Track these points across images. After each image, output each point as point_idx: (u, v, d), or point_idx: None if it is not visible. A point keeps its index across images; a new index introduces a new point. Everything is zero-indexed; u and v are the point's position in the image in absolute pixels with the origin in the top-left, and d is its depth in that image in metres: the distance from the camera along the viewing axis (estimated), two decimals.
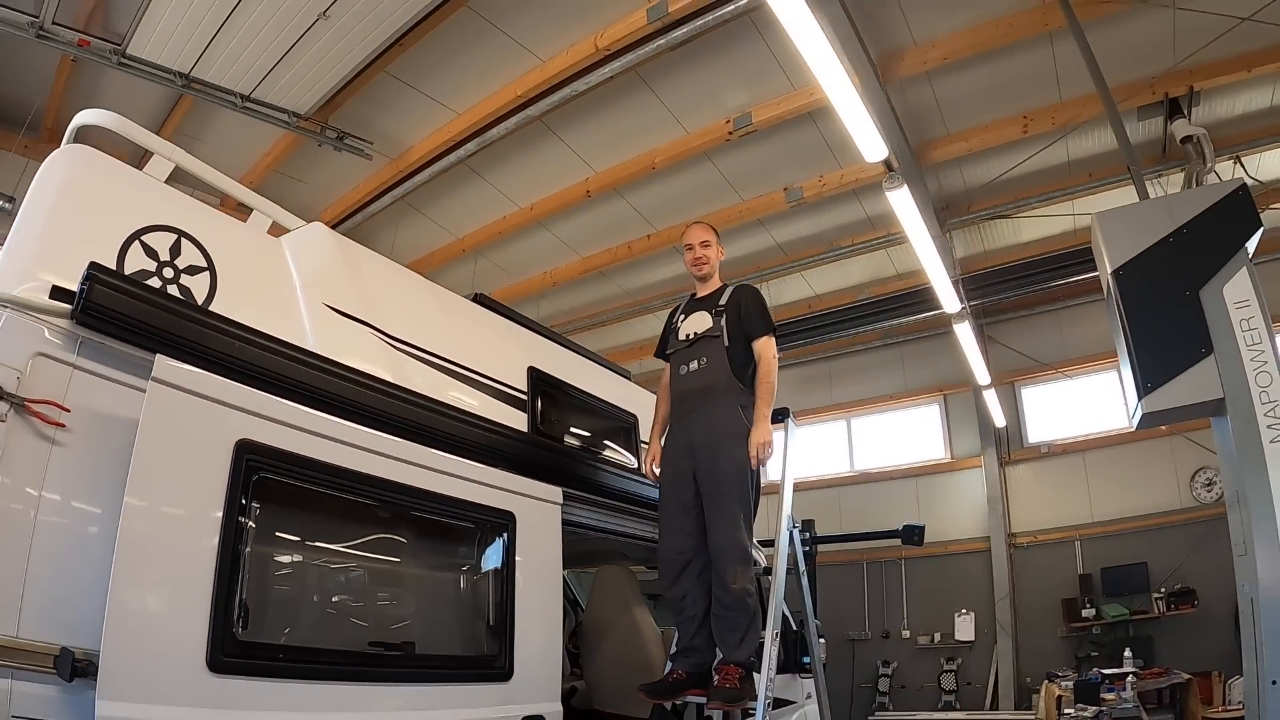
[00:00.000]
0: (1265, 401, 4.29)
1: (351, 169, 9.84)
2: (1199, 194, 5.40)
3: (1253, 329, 4.48)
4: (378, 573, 3.45)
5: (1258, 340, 4.44)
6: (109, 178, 3.08)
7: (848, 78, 6.03)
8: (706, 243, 4.55)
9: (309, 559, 3.26)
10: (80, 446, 2.60)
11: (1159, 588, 11.29)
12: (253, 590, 2.77)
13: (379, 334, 3.65)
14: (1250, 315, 4.52)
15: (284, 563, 3.11)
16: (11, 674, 2.29)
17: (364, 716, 2.91)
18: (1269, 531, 4.07)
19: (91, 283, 2.61)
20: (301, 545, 3.20)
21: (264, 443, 2.80)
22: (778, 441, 4.51)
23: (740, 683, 3.81)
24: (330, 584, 3.35)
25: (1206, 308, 4.62)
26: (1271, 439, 4.20)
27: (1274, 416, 4.25)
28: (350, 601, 3.38)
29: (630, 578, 5.64)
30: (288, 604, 3.10)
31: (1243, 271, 4.64)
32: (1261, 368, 4.36)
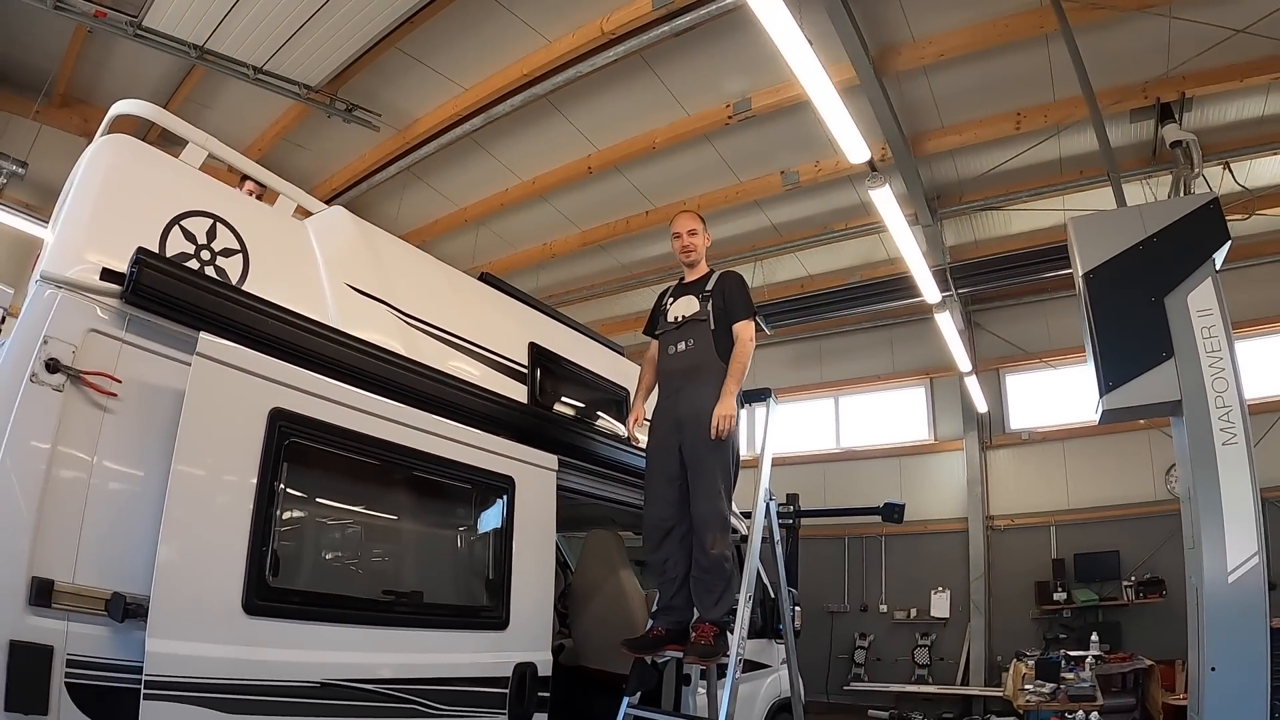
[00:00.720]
0: (1220, 406, 4.50)
1: (358, 139, 10.06)
2: (1172, 205, 5.58)
3: (1213, 336, 4.67)
4: (391, 529, 3.80)
5: (1217, 348, 4.64)
6: (149, 166, 3.32)
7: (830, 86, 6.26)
8: (694, 231, 4.80)
9: (331, 515, 3.60)
10: (129, 414, 2.87)
11: (1129, 576, 11.65)
12: (282, 542, 3.11)
13: (395, 311, 3.93)
14: (1212, 324, 4.71)
15: (309, 518, 3.45)
16: (68, 616, 2.59)
17: (377, 656, 3.26)
18: (1215, 527, 4.30)
19: (140, 266, 2.86)
20: (325, 503, 3.54)
21: (294, 411, 3.12)
22: (758, 419, 4.84)
23: (714, 640, 4.13)
24: (350, 538, 3.68)
25: (1170, 314, 4.82)
26: (1224, 441, 4.42)
27: (1227, 421, 4.46)
28: (367, 554, 3.72)
29: (618, 542, 5.97)
30: (313, 554, 3.44)
31: (1208, 281, 4.85)
32: (1219, 374, 4.57)
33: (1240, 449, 4.41)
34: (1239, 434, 4.43)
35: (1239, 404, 4.51)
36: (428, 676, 3.43)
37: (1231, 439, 4.44)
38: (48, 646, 2.53)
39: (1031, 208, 10.46)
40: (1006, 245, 11.44)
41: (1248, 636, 4.13)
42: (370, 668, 3.20)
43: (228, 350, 2.98)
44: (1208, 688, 4.14)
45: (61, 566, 2.61)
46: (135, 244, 2.94)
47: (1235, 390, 4.54)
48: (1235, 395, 4.53)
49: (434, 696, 3.42)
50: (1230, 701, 4.07)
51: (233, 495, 2.93)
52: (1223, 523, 4.32)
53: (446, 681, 3.50)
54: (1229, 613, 4.18)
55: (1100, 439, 12.27)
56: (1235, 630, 4.15)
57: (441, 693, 3.46)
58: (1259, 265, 11.48)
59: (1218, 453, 4.44)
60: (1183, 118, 8.43)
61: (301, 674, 2.97)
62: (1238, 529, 4.29)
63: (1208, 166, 8.42)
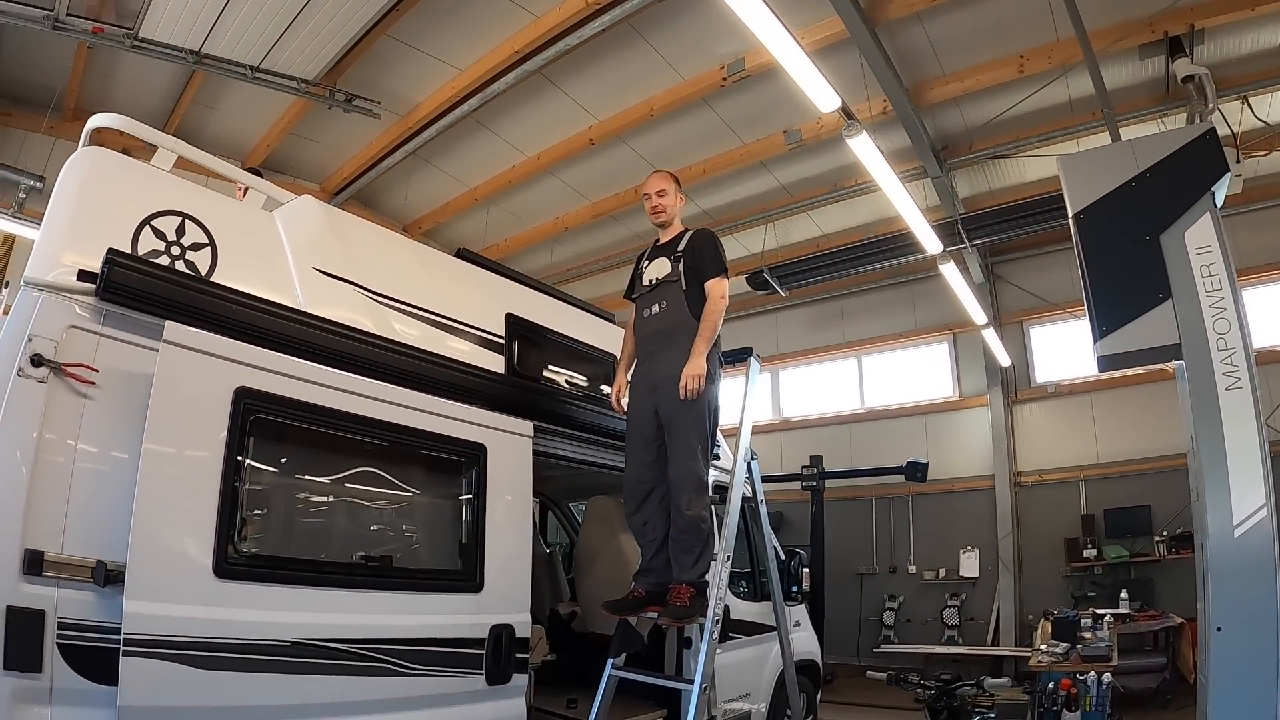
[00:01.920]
0: (1222, 348, 4.21)
1: (363, 128, 10.20)
2: (1165, 138, 5.20)
3: (1213, 275, 4.37)
4: (361, 496, 3.93)
5: (1218, 287, 4.34)
6: (121, 173, 3.58)
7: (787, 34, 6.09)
8: (663, 191, 4.79)
9: (300, 484, 3.78)
10: (108, 399, 3.13)
11: (1161, 531, 11.37)
12: (251, 510, 3.35)
13: (364, 291, 4.08)
14: (1211, 261, 4.42)
15: (278, 487, 3.65)
16: (58, 583, 2.87)
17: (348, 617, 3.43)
18: (1219, 478, 4.05)
19: (110, 265, 3.13)
20: (293, 473, 3.72)
21: (258, 389, 3.33)
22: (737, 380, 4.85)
23: (690, 601, 4.16)
24: (318, 505, 3.86)
25: (1167, 253, 4.54)
26: (1227, 386, 4.14)
27: (1230, 364, 4.17)
28: (336, 520, 3.89)
29: (618, 507, 6.03)
30: (281, 521, 3.65)
31: (1206, 217, 4.54)
32: (1220, 314, 4.28)
33: (1245, 394, 4.13)
34: (1244, 378, 4.14)
35: (1243, 346, 4.21)
36: (401, 637, 3.58)
37: (1235, 383, 4.15)
38: (40, 611, 2.82)
39: (1044, 153, 10.21)
40: (1022, 193, 11.10)
41: (1255, 595, 3.87)
42: (341, 628, 3.38)
43: (193, 336, 3.19)
44: (1213, 649, 3.92)
45: (51, 539, 2.89)
46: (108, 244, 3.20)
47: (1239, 332, 4.22)
48: (1239, 337, 4.21)
49: (407, 656, 3.58)
50: (1237, 664, 3.86)
51: (201, 468, 3.15)
52: (1227, 474, 4.04)
53: (420, 642, 3.65)
54: (1235, 569, 3.92)
55: (1129, 390, 12.01)
56: (1242, 588, 3.90)
57: (415, 653, 3.61)
58: None
59: (1220, 398, 4.15)
60: (1194, 51, 8.16)
61: (272, 633, 3.18)
62: (1244, 480, 4.01)
63: (1224, 101, 8.20)
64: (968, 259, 11.93)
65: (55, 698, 2.80)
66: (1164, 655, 9.82)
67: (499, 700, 4.01)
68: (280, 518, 3.64)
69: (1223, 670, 3.94)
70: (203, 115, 10.18)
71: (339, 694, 3.37)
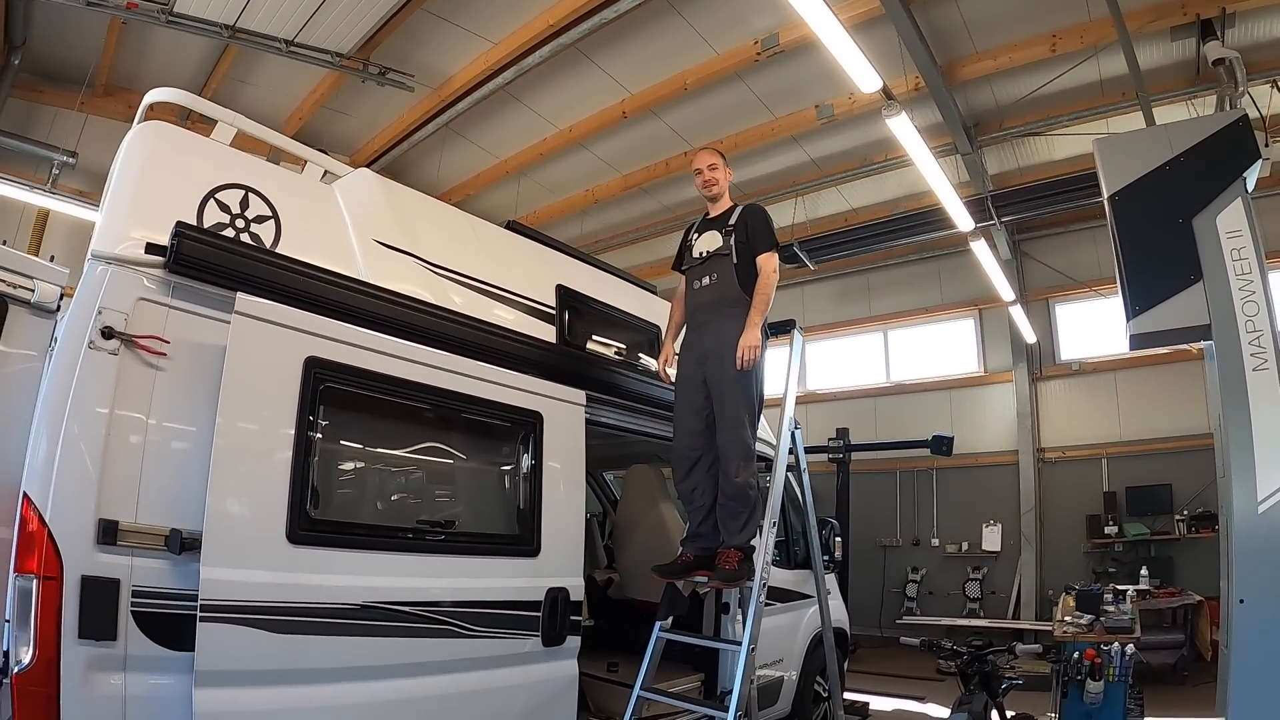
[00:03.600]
0: (1250, 330, 4.31)
1: (395, 101, 10.27)
2: (1199, 123, 5.27)
3: (1243, 259, 4.47)
4: (424, 463, 4.04)
5: (1247, 270, 4.43)
6: (183, 147, 3.65)
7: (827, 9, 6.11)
8: (714, 165, 4.89)
9: (367, 452, 3.89)
10: (178, 370, 3.19)
11: (1181, 510, 11.47)
12: (322, 477, 3.42)
13: (422, 262, 4.18)
14: (1242, 245, 4.51)
15: (347, 455, 3.76)
16: (132, 552, 2.94)
17: (413, 580, 3.55)
18: (1245, 456, 4.13)
19: (180, 238, 3.17)
20: (361, 441, 3.82)
21: (328, 358, 3.41)
22: (782, 351, 4.95)
23: (739, 565, 4.29)
24: (385, 472, 3.98)
25: (1199, 236, 4.61)
26: (1254, 367, 4.24)
27: (1258, 345, 4.27)
28: (401, 487, 4.01)
29: (658, 475, 6.19)
30: (351, 488, 3.75)
31: (1237, 202, 4.61)
32: (1249, 297, 4.37)
33: (1272, 375, 4.23)
34: (1270, 360, 4.24)
35: (1271, 329, 4.31)
36: (463, 600, 3.71)
37: (1263, 364, 4.25)
38: (115, 579, 2.89)
39: (1074, 132, 10.25)
40: (1051, 172, 11.07)
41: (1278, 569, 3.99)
42: (407, 591, 3.49)
43: (263, 307, 3.27)
44: (1236, 620, 4.04)
45: (125, 508, 2.96)
46: (175, 218, 3.25)
47: (1267, 314, 4.33)
48: (1267, 320, 4.32)
49: (469, 619, 3.70)
50: (1259, 635, 3.96)
51: (274, 436, 3.23)
52: (1253, 451, 4.13)
53: (481, 605, 3.78)
54: (1259, 544, 4.03)
55: (1153, 369, 12.09)
56: (1265, 562, 4.01)
57: (476, 615, 3.74)
58: None
59: (1248, 378, 4.25)
60: (1225, 34, 8.13)
61: (342, 597, 3.28)
62: (1269, 458, 4.11)
63: (1254, 85, 8.18)
64: (995, 236, 11.93)
65: (129, 665, 2.87)
66: (1182, 632, 9.93)
67: (554, 661, 4.14)
68: (349, 484, 3.75)
69: (1244, 641, 4.04)
70: (235, 89, 10.27)
71: (405, 655, 3.48)
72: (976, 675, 4.89)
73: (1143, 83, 6.72)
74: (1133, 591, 8.77)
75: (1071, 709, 6.26)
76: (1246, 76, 7.75)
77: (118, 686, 2.85)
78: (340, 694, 3.29)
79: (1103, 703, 6.14)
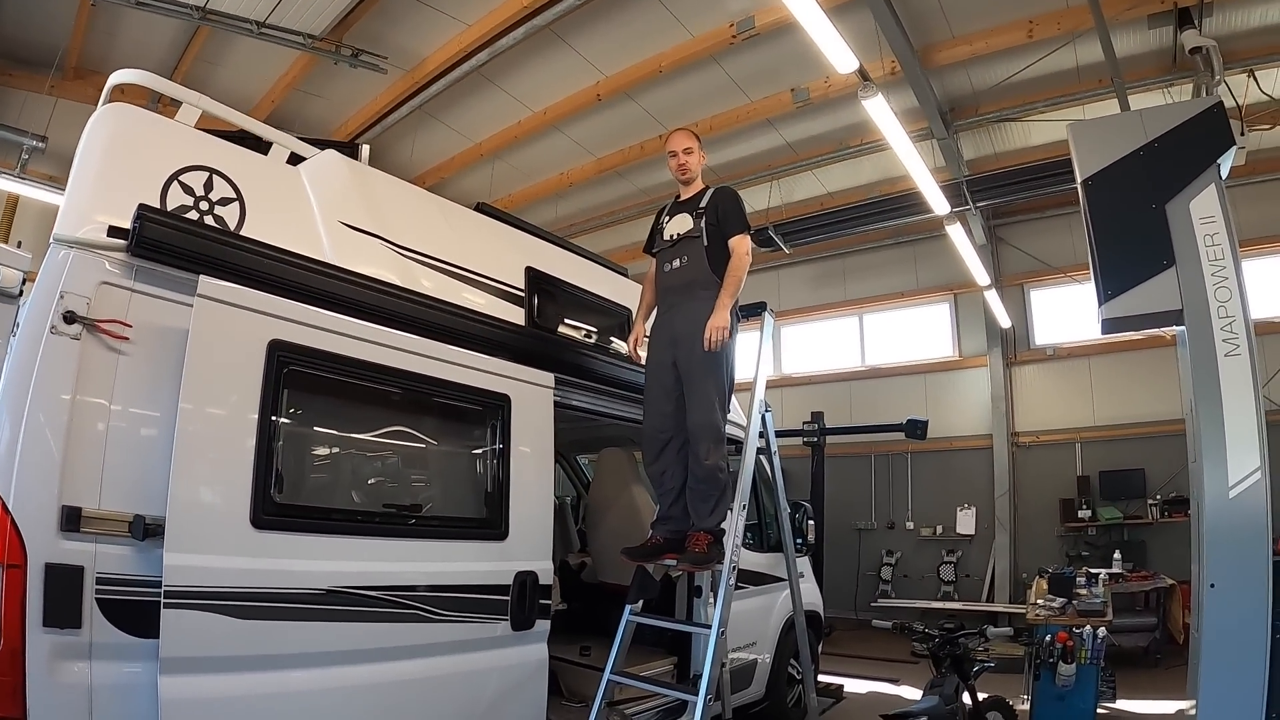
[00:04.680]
0: (1223, 316, 4.31)
1: (369, 83, 10.12)
2: (1174, 109, 5.27)
3: (1216, 245, 4.46)
4: (390, 447, 4.02)
5: (1220, 256, 4.43)
6: (147, 129, 3.59)
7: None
8: (689, 149, 4.87)
9: (332, 435, 3.87)
10: (142, 355, 3.16)
11: (1155, 494, 11.62)
12: (287, 462, 3.40)
13: (389, 244, 4.14)
14: (1215, 231, 4.49)
15: (312, 439, 3.74)
16: (95, 539, 2.91)
17: (380, 565, 3.54)
18: (1216, 441, 4.16)
19: (142, 220, 3.14)
20: (326, 424, 3.81)
21: (292, 341, 3.39)
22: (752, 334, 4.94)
23: (708, 548, 4.31)
24: (350, 456, 3.95)
25: (1171, 221, 4.60)
26: (1226, 352, 4.25)
27: (1230, 332, 4.28)
28: (367, 470, 3.98)
29: (630, 459, 6.19)
30: (316, 473, 3.73)
31: (1211, 188, 4.60)
32: (1221, 283, 4.38)
33: (1244, 361, 4.24)
34: (1243, 345, 4.25)
35: (1243, 315, 4.31)
36: (430, 584, 3.70)
37: (1234, 350, 4.26)
38: (79, 567, 2.86)
39: (1050, 118, 10.21)
40: (1027, 158, 11.15)
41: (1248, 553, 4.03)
42: (374, 576, 3.48)
43: (226, 290, 3.24)
44: (1207, 604, 4.07)
45: (88, 495, 2.93)
46: (138, 201, 3.21)
47: (1239, 300, 4.33)
48: (1239, 306, 4.33)
49: (436, 603, 3.70)
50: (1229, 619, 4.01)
51: (237, 420, 3.21)
52: (1224, 437, 4.17)
53: (448, 589, 3.78)
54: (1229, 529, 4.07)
55: (1127, 355, 12.18)
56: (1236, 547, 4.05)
57: (444, 599, 3.74)
58: None
59: (1220, 364, 4.26)
60: (1202, 23, 8.09)
61: (308, 582, 3.27)
62: (1240, 443, 4.14)
63: (1231, 74, 8.15)
64: (970, 221, 11.94)
65: (95, 652, 2.85)
66: (1155, 615, 10.06)
67: (523, 645, 4.14)
68: (314, 468, 3.73)
69: (1214, 624, 4.07)
70: (207, 72, 10.09)
71: (373, 640, 3.47)
72: (948, 658, 4.93)
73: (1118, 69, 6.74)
74: (1105, 575, 8.85)
75: (1044, 691, 6.32)
76: (1224, 65, 7.71)
77: (83, 675, 2.83)
78: (307, 680, 3.29)
79: (1075, 685, 6.20)
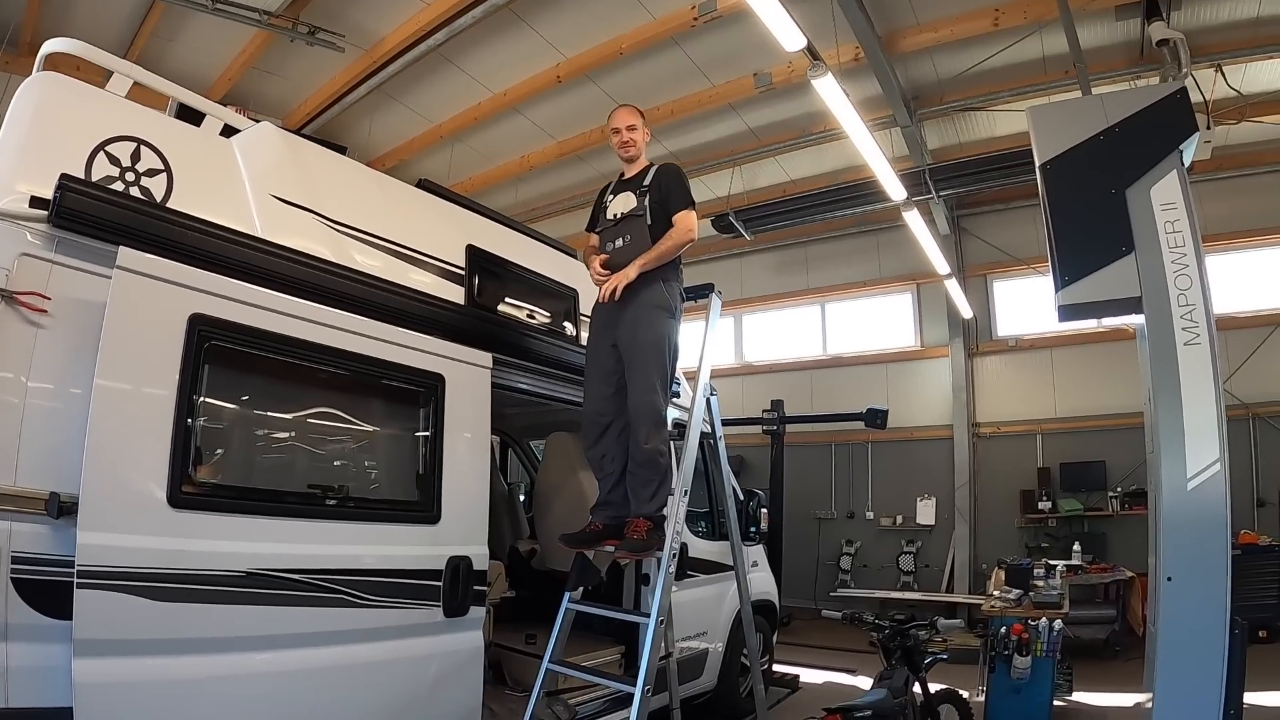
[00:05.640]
0: (1182, 304, 4.24)
1: (327, 62, 9.92)
2: (1136, 94, 5.16)
3: (1177, 231, 4.39)
4: (317, 426, 3.91)
5: (1181, 244, 4.35)
6: (74, 98, 3.51)
7: None
8: (633, 126, 4.73)
9: (256, 413, 3.76)
10: (61, 328, 3.08)
11: (1115, 487, 11.67)
12: (206, 439, 3.32)
13: (323, 219, 4.04)
14: (1176, 218, 4.43)
15: (233, 416, 3.62)
16: (10, 517, 2.83)
17: (303, 547, 3.43)
18: (1174, 432, 4.09)
19: (63, 191, 3.06)
20: (249, 402, 3.69)
21: (213, 315, 3.29)
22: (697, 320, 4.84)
23: (648, 534, 4.21)
24: (274, 435, 3.84)
25: (1131, 207, 4.53)
26: (1186, 341, 4.17)
27: (1190, 320, 4.20)
28: (292, 450, 3.86)
29: (577, 444, 6.02)
30: (237, 451, 3.61)
31: (1173, 174, 4.53)
32: (1182, 270, 4.30)
33: (1204, 350, 4.17)
34: (1203, 335, 4.18)
35: (1204, 303, 4.25)
36: (357, 568, 3.60)
37: (1194, 339, 4.18)
38: None
39: (1015, 108, 10.16)
40: (991, 148, 11.10)
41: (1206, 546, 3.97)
42: (297, 558, 3.38)
43: (145, 261, 3.13)
44: (1164, 598, 4.01)
45: (3, 471, 2.86)
46: (61, 171, 3.13)
47: (1200, 289, 4.27)
48: (1200, 294, 4.26)
49: (364, 587, 3.60)
50: (1186, 612, 3.93)
51: (155, 396, 3.11)
52: (1183, 427, 4.10)
53: (377, 573, 3.68)
54: (1187, 521, 4.00)
55: (1088, 347, 12.24)
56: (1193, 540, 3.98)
57: (372, 584, 3.64)
58: (1256, 175, 11.32)
59: (1179, 353, 4.18)
60: (1170, 15, 8.10)
61: (228, 563, 3.18)
62: (1199, 434, 4.07)
63: (1199, 68, 8.16)
64: (934, 210, 11.97)
65: (10, 634, 2.78)
66: (1114, 608, 10.10)
67: (456, 633, 4.05)
68: (235, 447, 3.62)
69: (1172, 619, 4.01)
70: (162, 49, 9.83)
71: (295, 625, 3.38)
72: (899, 650, 4.89)
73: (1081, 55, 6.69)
74: (1063, 566, 8.89)
75: (999, 684, 6.31)
76: (1191, 59, 7.71)
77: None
78: (228, 664, 3.20)
79: (1030, 677, 6.20)
